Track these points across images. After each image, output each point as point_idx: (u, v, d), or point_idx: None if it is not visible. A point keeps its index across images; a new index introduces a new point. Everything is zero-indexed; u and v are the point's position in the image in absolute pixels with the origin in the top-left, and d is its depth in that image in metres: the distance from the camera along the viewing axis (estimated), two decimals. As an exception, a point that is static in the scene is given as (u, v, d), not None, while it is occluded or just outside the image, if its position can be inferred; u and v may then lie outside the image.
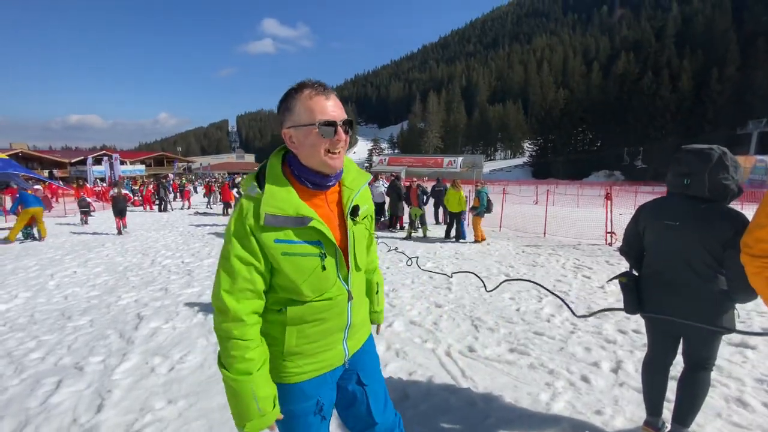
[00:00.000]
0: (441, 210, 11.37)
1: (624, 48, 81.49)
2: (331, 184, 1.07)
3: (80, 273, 5.76)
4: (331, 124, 0.98)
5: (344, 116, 1.02)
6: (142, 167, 51.02)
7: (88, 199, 12.44)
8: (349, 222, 1.09)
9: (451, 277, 4.94)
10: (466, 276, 5.43)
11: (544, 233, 9.37)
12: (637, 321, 3.51)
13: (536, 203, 21.12)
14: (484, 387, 2.51)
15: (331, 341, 1.13)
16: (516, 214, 13.88)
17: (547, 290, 2.46)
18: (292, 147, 1.03)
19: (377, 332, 1.55)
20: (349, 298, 1.13)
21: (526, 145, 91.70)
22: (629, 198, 20.67)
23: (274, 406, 1.04)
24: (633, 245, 2.04)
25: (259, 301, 1.03)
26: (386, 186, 10.63)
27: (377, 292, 1.43)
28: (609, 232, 8.04)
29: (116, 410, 2.29)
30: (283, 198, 0.99)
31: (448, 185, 9.49)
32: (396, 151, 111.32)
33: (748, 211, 1.81)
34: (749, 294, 1.66)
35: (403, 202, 9.68)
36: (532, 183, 48.58)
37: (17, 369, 2.82)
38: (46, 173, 37.48)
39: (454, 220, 8.67)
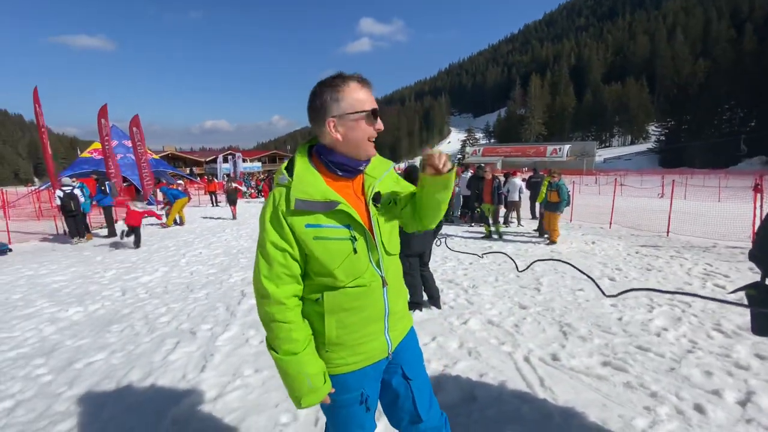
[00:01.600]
0: (538, 204, 10.47)
1: (799, -2, 63.04)
2: (361, 168, 1.11)
3: (204, 254, 6.87)
4: (375, 112, 1.05)
5: (376, 105, 1.07)
6: (259, 164, 58.21)
7: (235, 186, 13.44)
8: (372, 208, 1.12)
9: (482, 257, 4.60)
10: (561, 277, 4.92)
11: (668, 232, 7.94)
12: (790, 347, 2.75)
13: (662, 196, 17.98)
14: (565, 401, 2.25)
15: (372, 331, 1.13)
16: (633, 209, 12.07)
17: (576, 268, 2.06)
18: (334, 136, 1.04)
19: None
20: (384, 284, 1.13)
21: (652, 128, 78.31)
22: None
23: (324, 381, 1.09)
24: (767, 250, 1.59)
25: (297, 285, 1.08)
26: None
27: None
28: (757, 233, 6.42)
29: (215, 372, 2.68)
30: (311, 183, 1.03)
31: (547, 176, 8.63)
32: (492, 140, 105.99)
33: None
34: None
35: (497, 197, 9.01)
36: (658, 173, 41.38)
37: (150, 329, 3.52)
38: (187, 170, 45.48)
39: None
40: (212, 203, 17.19)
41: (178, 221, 10.94)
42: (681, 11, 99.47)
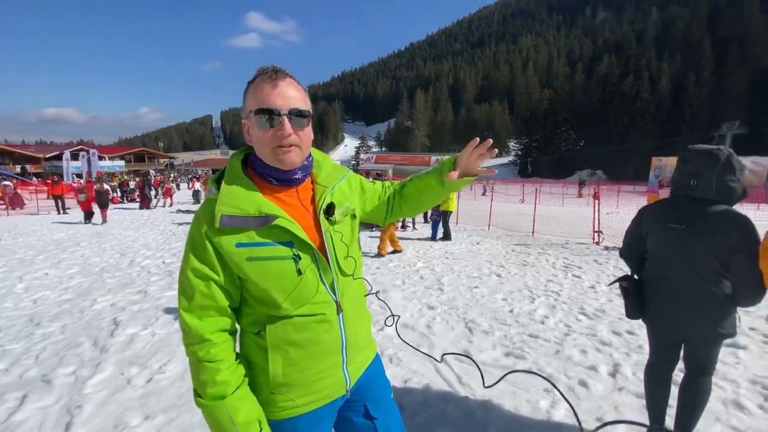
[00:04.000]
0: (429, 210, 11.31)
1: (606, 50, 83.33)
2: (298, 178, 0.94)
3: (52, 275, 5.45)
4: (265, 111, 0.84)
5: (292, 105, 0.86)
6: (122, 163, 49.51)
7: (107, 187, 12.12)
8: (324, 222, 0.96)
9: (441, 361, 4.79)
10: (457, 276, 5.36)
11: (533, 232, 9.40)
12: (630, 323, 3.49)
13: (523, 202, 21.35)
14: (482, 395, 2.42)
15: (327, 367, 0.97)
16: (505, 213, 13.95)
17: (558, 391, 2.42)
18: (248, 140, 0.93)
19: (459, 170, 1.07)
20: (339, 310, 0.96)
21: (512, 144, 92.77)
22: (612, 196, 21.07)
23: (261, 429, 0.90)
24: (634, 248, 1.97)
25: (225, 318, 0.91)
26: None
27: (411, 179, 1.20)
28: (596, 231, 8.11)
29: (87, 428, 2.10)
30: (242, 196, 0.88)
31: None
32: (383, 149, 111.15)
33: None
34: (755, 299, 1.61)
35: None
36: (518, 182, 49.11)
37: (-24, 383, 2.59)
38: (18, 168, 35.95)
39: (442, 219, 8.60)
40: (58, 210, 13.79)
41: None
42: (532, 48, 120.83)
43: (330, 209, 0.98)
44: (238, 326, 0.98)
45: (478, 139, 1.04)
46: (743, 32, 61.29)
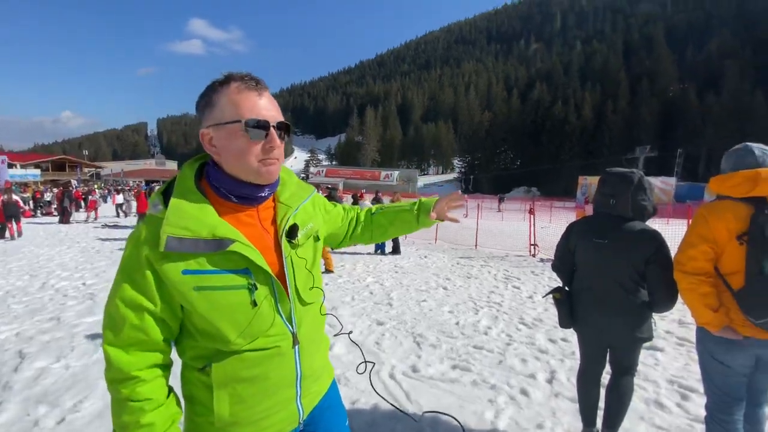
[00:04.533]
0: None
1: (538, 78, 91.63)
2: (264, 195, 0.87)
3: (-62, 302, 4.62)
4: (263, 125, 0.80)
5: (280, 118, 0.84)
6: (37, 172, 44.02)
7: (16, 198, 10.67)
8: (285, 244, 0.88)
9: (417, 421, 4.78)
10: (406, 290, 5.42)
11: (476, 245, 9.83)
12: (564, 331, 3.75)
13: (466, 216, 22.33)
14: (431, 410, 2.44)
15: (279, 401, 0.88)
16: (451, 227, 14.45)
17: None
18: (213, 152, 0.83)
19: (444, 212, 1.19)
20: (295, 342, 0.89)
21: (456, 162, 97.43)
22: (546, 212, 22.80)
23: None
24: (565, 262, 2.13)
25: (157, 353, 0.81)
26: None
27: (381, 208, 1.25)
28: (533, 244, 8.69)
29: (-25, 486, 1.78)
30: (193, 215, 0.78)
31: (386, 198, 9.54)
32: (334, 162, 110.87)
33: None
34: (669, 305, 1.81)
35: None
36: (462, 197, 51.28)
37: None
38: None
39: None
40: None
41: None
42: (473, 72, 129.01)
43: (293, 231, 0.90)
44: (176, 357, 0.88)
45: (460, 192, 1.20)
46: (652, 68, 70.85)
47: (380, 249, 8.71)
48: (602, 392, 2.09)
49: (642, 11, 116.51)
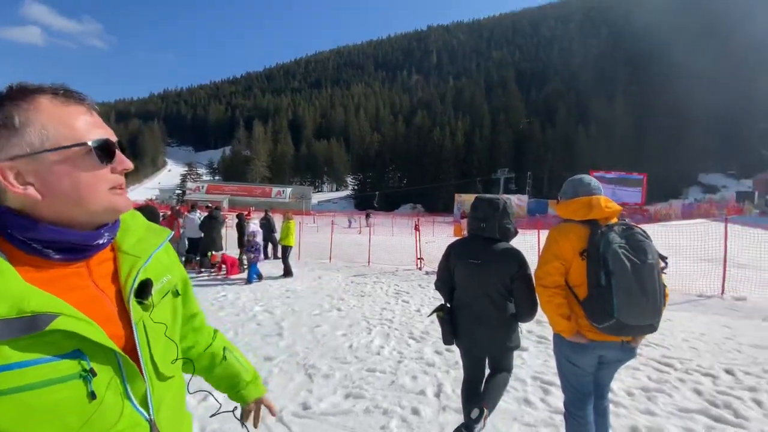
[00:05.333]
0: (271, 244, 10.76)
1: (419, 106, 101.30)
2: (102, 243, 0.65)
3: None
4: (111, 145, 0.64)
5: (115, 136, 0.68)
6: None
7: None
8: (135, 307, 0.67)
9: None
10: (298, 316, 5.13)
11: (369, 262, 10.03)
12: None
13: (360, 233, 22.82)
14: (322, 449, 2.28)
15: None
16: (345, 244, 14.51)
17: None
18: (21, 193, 0.58)
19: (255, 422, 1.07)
20: (152, 429, 0.68)
21: (349, 179, 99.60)
22: (430, 226, 24.84)
23: None
24: (446, 281, 2.27)
25: None
26: (202, 218, 9.26)
27: (224, 358, 1.01)
28: (419, 258, 9.28)
29: None
30: None
31: (278, 217, 9.06)
32: (217, 178, 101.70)
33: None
34: (532, 315, 2.06)
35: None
36: (357, 213, 52.54)
37: None
38: None
39: (282, 255, 8.25)
40: None
41: None
42: (362, 95, 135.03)
43: (145, 289, 0.69)
44: None
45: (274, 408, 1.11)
46: (507, 104, 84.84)
47: (250, 279, 8.08)
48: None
49: (496, 57, 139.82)
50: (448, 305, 2.26)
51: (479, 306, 2.09)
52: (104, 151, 0.63)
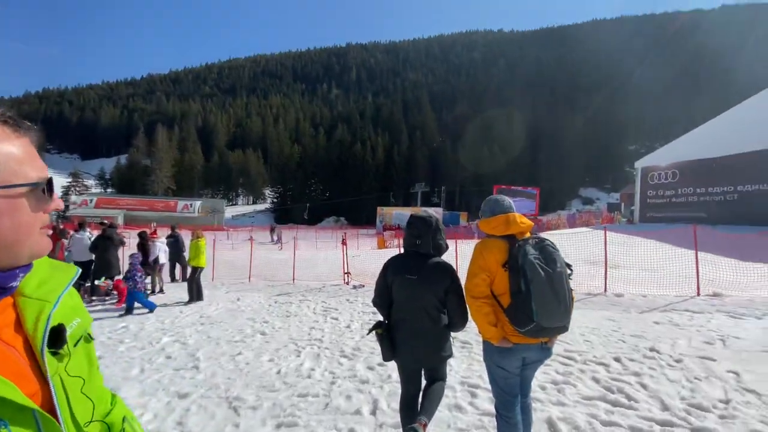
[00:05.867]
0: (179, 265, 9.70)
1: (340, 120, 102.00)
2: (14, 286, 0.58)
3: None
4: (52, 183, 0.61)
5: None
6: None
7: None
8: (50, 359, 0.59)
9: None
10: (216, 344, 4.68)
11: (293, 279, 9.65)
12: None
13: (281, 249, 21.85)
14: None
15: None
16: (265, 262, 13.72)
17: None
18: None
19: None
20: None
21: (268, 192, 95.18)
22: (355, 240, 24.92)
23: None
24: (383, 297, 2.30)
25: None
26: (93, 237, 7.94)
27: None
28: (346, 273, 9.22)
29: None
30: None
31: (186, 234, 8.23)
32: (110, 190, 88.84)
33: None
34: (463, 325, 2.18)
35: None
36: (279, 227, 50.28)
37: None
38: None
39: (190, 277, 7.45)
40: None
41: None
42: (281, 106, 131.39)
43: (58, 337, 0.60)
44: None
45: None
46: (423, 123, 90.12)
47: (199, 295, 7.31)
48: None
49: (412, 78, 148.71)
50: (386, 321, 2.28)
51: (417, 320, 2.15)
52: (48, 191, 0.60)
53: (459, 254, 8.30)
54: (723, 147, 18.38)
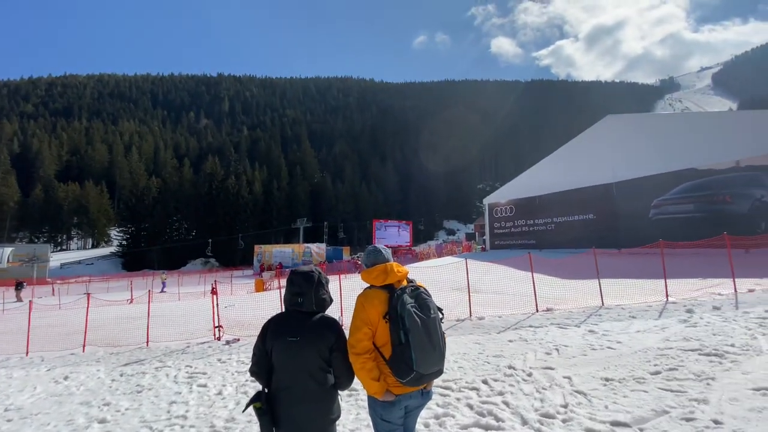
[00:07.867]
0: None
1: (210, 152, 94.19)
2: None
3: None
4: None
5: None
6: None
7: None
8: None
9: None
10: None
11: (147, 342, 8.05)
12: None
13: (131, 302, 18.17)
14: None
15: None
16: (107, 322, 11.14)
17: None
18: None
19: None
20: None
21: (114, 232, 79.36)
22: (227, 285, 22.52)
23: None
24: (262, 365, 2.08)
25: None
26: None
27: None
28: (217, 326, 8.14)
29: None
30: None
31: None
32: None
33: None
34: (350, 382, 2.12)
35: None
36: (124, 277, 42.00)
37: None
38: None
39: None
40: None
41: None
42: (136, 133, 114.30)
43: None
44: None
45: None
46: (302, 159, 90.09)
47: None
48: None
49: (290, 114, 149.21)
50: (266, 391, 2.06)
51: (300, 385, 2.00)
52: None
53: (343, 287, 8.26)
54: (543, 187, 23.77)
